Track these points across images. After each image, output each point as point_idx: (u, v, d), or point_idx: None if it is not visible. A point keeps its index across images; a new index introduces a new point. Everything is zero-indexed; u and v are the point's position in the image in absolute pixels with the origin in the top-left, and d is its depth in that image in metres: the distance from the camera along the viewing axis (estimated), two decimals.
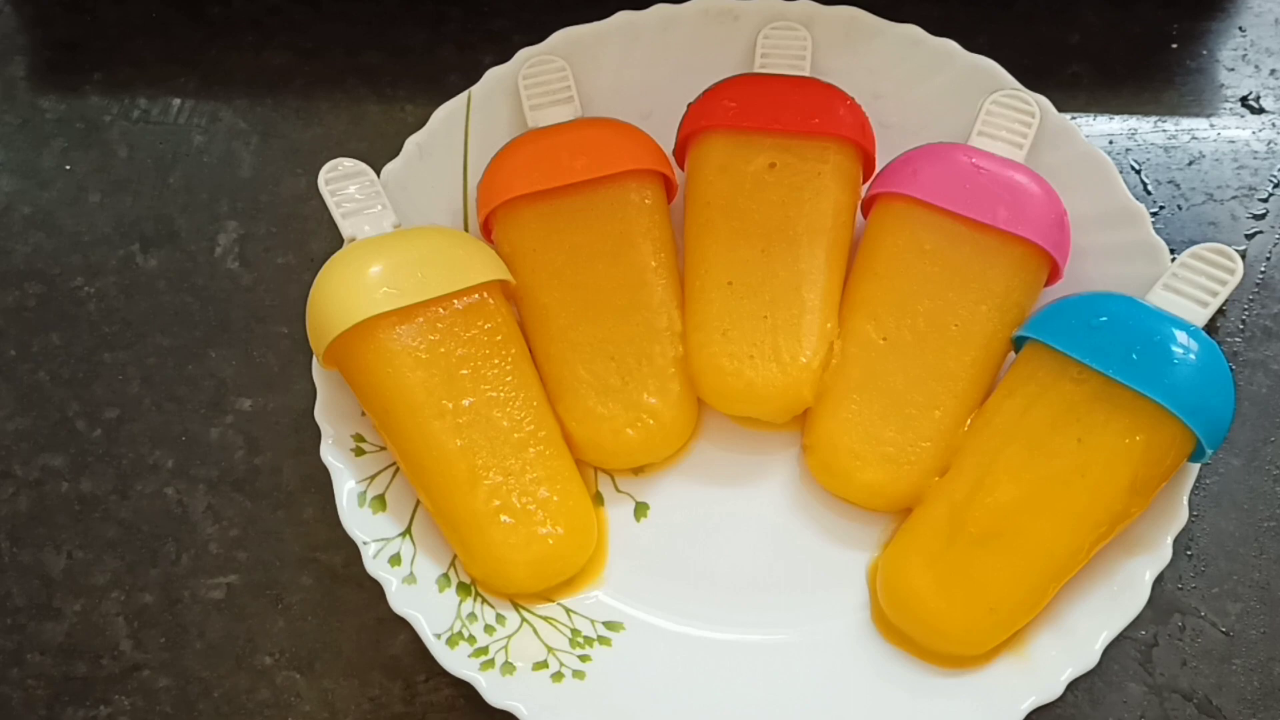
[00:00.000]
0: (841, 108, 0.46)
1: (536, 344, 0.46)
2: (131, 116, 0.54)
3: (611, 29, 0.49)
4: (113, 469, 0.47)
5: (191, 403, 0.48)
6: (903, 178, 0.45)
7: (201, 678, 0.44)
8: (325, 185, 0.45)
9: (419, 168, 0.47)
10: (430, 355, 0.42)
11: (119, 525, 0.46)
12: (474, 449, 0.42)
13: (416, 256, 0.43)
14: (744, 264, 0.45)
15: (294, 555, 0.46)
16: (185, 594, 0.45)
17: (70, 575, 0.46)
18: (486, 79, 0.48)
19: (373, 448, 0.44)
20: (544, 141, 0.46)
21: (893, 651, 0.42)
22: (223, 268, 0.51)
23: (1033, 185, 0.44)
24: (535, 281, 0.46)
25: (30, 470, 0.47)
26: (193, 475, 0.47)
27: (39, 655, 0.44)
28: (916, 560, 0.42)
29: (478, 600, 0.42)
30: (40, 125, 0.54)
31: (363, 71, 0.54)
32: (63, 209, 0.52)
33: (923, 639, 0.42)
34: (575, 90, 0.48)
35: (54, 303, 0.50)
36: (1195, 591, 0.44)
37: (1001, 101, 0.47)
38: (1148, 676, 0.43)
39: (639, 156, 0.46)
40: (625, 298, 0.45)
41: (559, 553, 0.42)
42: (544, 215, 0.45)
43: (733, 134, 0.46)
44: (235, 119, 0.54)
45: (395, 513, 0.43)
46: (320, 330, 0.42)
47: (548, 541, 0.42)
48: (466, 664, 0.41)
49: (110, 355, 0.49)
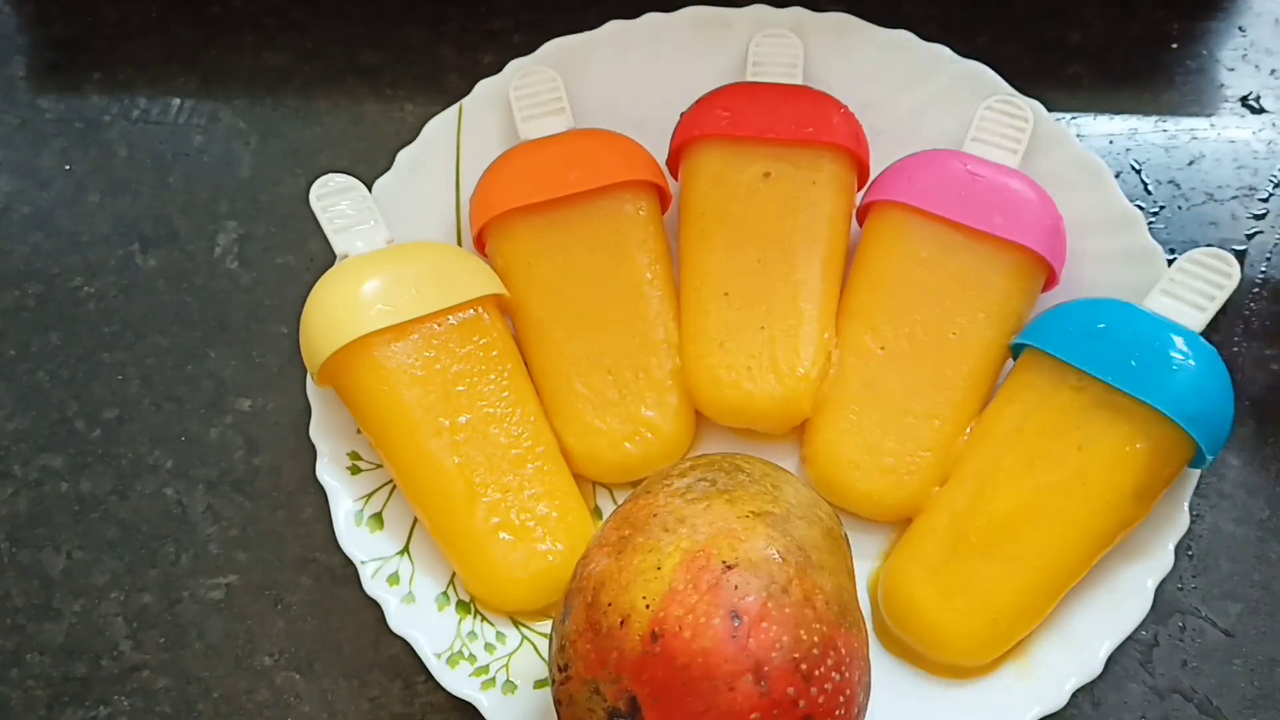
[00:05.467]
0: (835, 116, 0.46)
1: (532, 358, 0.46)
2: (131, 116, 0.54)
3: (602, 38, 0.49)
4: (112, 469, 0.47)
5: (191, 403, 0.48)
6: (898, 185, 0.45)
7: (201, 678, 0.44)
8: (317, 201, 0.45)
9: (411, 181, 0.47)
10: (426, 372, 0.42)
11: (118, 525, 0.46)
12: (472, 466, 0.42)
13: (410, 272, 0.43)
14: (740, 274, 0.45)
15: (293, 556, 0.46)
16: (185, 594, 0.45)
17: (70, 575, 0.46)
18: (478, 91, 0.48)
19: (369, 465, 0.44)
20: (536, 154, 0.46)
21: (895, 663, 0.42)
22: (222, 268, 0.51)
23: (1028, 191, 0.44)
24: (530, 295, 0.45)
25: (30, 470, 0.47)
26: (192, 475, 0.47)
27: (38, 655, 0.45)
28: (918, 571, 0.42)
29: (477, 618, 0.42)
30: (40, 125, 0.54)
31: (362, 71, 0.54)
32: (62, 209, 0.52)
33: (925, 650, 0.42)
34: (567, 101, 0.48)
35: (53, 303, 0.50)
36: (1196, 592, 0.45)
37: (995, 107, 0.46)
38: (1148, 677, 0.43)
39: (632, 167, 0.46)
40: (621, 310, 0.45)
41: (559, 568, 0.42)
42: (538, 228, 0.45)
43: (726, 143, 0.46)
44: (235, 119, 0.54)
45: (393, 531, 0.43)
46: (314, 348, 0.42)
47: (547, 558, 0.42)
48: (467, 683, 0.40)
49: (110, 355, 0.49)
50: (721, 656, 0.32)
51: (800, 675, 0.32)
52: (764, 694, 0.32)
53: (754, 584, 0.33)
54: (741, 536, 0.35)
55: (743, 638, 0.32)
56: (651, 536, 0.35)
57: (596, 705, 0.34)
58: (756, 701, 0.32)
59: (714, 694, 0.32)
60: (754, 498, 0.36)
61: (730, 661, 0.32)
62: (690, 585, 0.33)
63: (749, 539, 0.35)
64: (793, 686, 0.32)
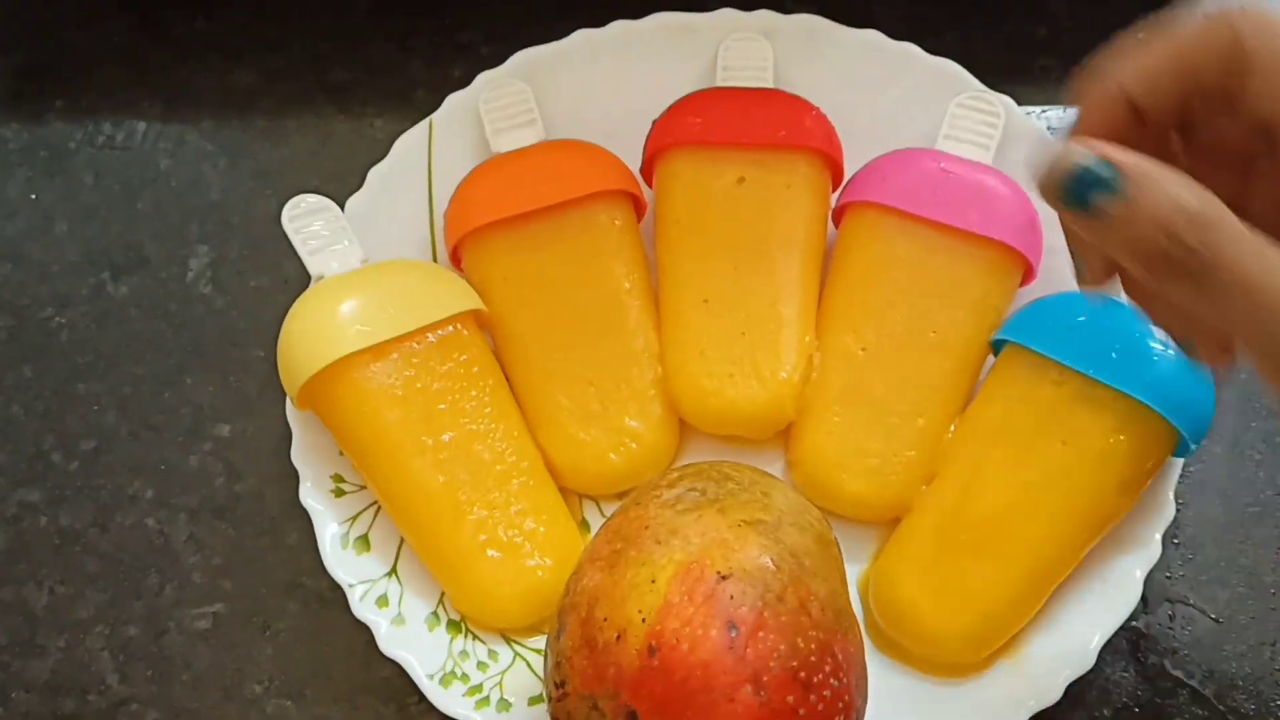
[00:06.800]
0: (808, 118, 0.46)
1: (513, 372, 0.45)
2: (96, 143, 0.53)
3: (571, 48, 0.48)
4: (91, 501, 0.47)
5: (169, 431, 0.48)
6: (872, 185, 0.45)
7: (190, 709, 0.43)
8: (289, 223, 0.45)
9: (383, 199, 0.47)
10: (406, 392, 0.42)
11: (100, 558, 0.46)
12: (457, 484, 0.42)
13: (387, 292, 0.43)
14: (718, 281, 0.45)
15: (280, 581, 0.45)
16: (171, 625, 0.45)
17: (53, 611, 0.45)
18: (447, 105, 0.48)
19: (353, 487, 0.44)
20: (509, 167, 0.46)
21: (889, 664, 0.42)
22: (195, 292, 0.50)
23: (1002, 187, 0.44)
24: (508, 309, 0.45)
25: (7, 506, 0.47)
26: (173, 504, 0.46)
27: (24, 693, 0.44)
28: (908, 570, 0.42)
29: (468, 637, 0.42)
30: (4, 155, 0.53)
31: (330, 89, 0.54)
32: (30, 239, 0.51)
33: (918, 649, 0.42)
34: (538, 112, 0.47)
35: (25, 335, 0.50)
36: (1184, 580, 0.45)
37: (966, 104, 0.46)
38: (1139, 665, 0.44)
39: (606, 177, 0.46)
40: (600, 321, 0.45)
41: (548, 584, 0.42)
42: (513, 242, 0.45)
43: (699, 150, 0.46)
44: (202, 141, 0.53)
45: (380, 552, 0.43)
46: (293, 372, 0.42)
47: (536, 573, 0.42)
48: (461, 703, 0.40)
49: (84, 385, 0.49)
50: (720, 668, 0.32)
51: (799, 683, 0.32)
52: (764, 703, 0.32)
53: (749, 593, 0.33)
54: (734, 546, 0.34)
55: (740, 648, 0.32)
56: (644, 549, 0.35)
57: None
58: (756, 711, 0.32)
59: (714, 705, 0.32)
60: (744, 506, 0.36)
61: (729, 673, 0.32)
62: (685, 597, 0.33)
63: (742, 548, 0.34)
64: (792, 695, 0.32)
